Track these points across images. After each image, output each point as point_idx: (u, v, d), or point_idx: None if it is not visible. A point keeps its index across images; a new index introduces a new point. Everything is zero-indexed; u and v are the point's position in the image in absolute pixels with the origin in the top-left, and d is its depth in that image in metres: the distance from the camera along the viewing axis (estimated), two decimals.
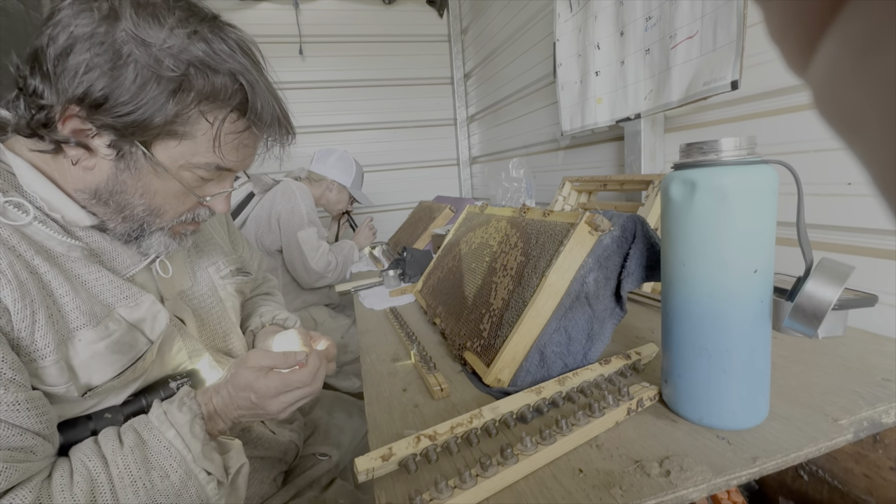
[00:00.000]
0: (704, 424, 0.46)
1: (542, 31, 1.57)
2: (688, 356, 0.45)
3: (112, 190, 0.49)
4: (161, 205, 0.52)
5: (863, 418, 0.45)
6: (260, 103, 0.50)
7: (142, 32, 0.43)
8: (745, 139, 0.42)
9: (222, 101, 0.48)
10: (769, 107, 0.81)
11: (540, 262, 0.59)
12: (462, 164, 2.67)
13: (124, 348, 0.49)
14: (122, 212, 0.50)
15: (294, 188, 1.57)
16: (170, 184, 0.50)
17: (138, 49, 0.43)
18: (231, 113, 0.49)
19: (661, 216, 0.47)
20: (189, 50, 0.45)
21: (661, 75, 0.97)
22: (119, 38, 0.43)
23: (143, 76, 0.43)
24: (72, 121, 0.45)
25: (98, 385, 0.48)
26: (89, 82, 0.42)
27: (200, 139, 0.48)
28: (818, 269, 0.42)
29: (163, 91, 0.44)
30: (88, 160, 0.47)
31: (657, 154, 1.08)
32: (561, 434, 0.44)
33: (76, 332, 0.46)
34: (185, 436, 0.48)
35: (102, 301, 0.49)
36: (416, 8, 2.50)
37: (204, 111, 0.47)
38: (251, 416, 0.56)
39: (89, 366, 0.47)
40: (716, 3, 0.82)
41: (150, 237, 0.54)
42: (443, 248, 1.00)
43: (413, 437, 0.44)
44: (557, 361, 0.57)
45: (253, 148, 0.55)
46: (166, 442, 0.46)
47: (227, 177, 0.56)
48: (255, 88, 0.49)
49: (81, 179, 0.49)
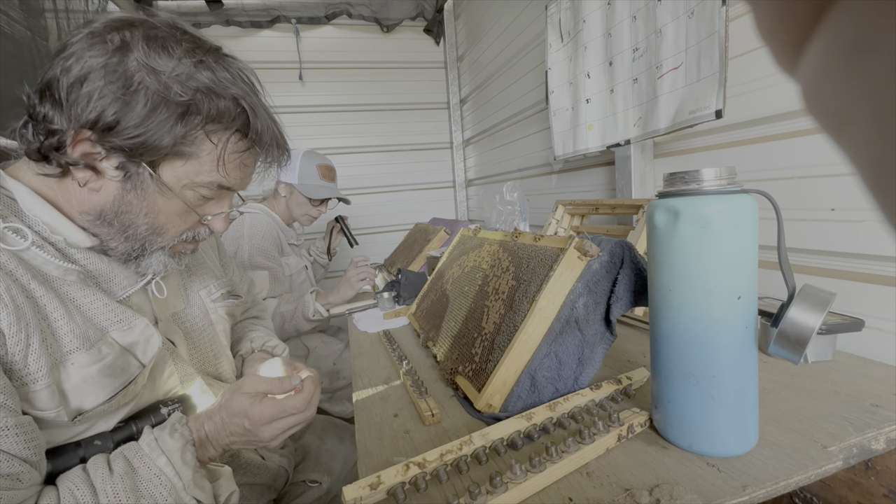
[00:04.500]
0: (694, 451, 0.46)
1: (535, 60, 1.62)
2: (676, 382, 0.46)
3: (118, 210, 0.51)
4: (163, 224, 0.54)
5: (852, 445, 0.45)
6: (260, 125, 0.53)
7: (152, 62, 0.46)
8: (725, 169, 0.43)
9: (226, 123, 0.51)
10: (754, 134, 0.84)
11: (531, 287, 0.60)
12: (458, 187, 2.70)
13: (116, 371, 0.49)
14: (126, 231, 0.52)
15: (244, 224, 1.39)
16: (173, 203, 0.52)
17: (149, 77, 0.46)
18: (234, 134, 0.52)
19: (647, 243, 0.48)
20: (196, 77, 0.48)
21: (649, 103, 1.00)
22: (131, 67, 0.46)
23: (154, 101, 0.46)
24: (83, 144, 0.47)
25: (89, 409, 0.47)
26: (102, 108, 0.45)
27: (205, 159, 0.51)
28: (800, 296, 0.42)
29: (171, 115, 0.47)
30: (95, 182, 0.49)
31: (647, 179, 1.10)
32: (551, 461, 0.44)
33: (69, 356, 0.46)
34: (177, 463, 0.47)
35: (96, 324, 0.50)
36: (414, 36, 2.58)
37: (209, 132, 0.50)
38: (243, 443, 0.55)
39: (81, 390, 0.47)
40: (699, 37, 0.85)
41: (150, 256, 0.55)
42: (436, 272, 1.01)
43: (402, 465, 0.44)
44: (548, 387, 0.57)
45: (252, 168, 0.58)
46: (157, 470, 0.46)
47: (227, 196, 0.58)
48: (255, 112, 0.53)
49: (87, 201, 0.50)
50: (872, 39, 0.08)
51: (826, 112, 0.09)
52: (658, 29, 0.95)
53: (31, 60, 1.39)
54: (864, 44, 0.08)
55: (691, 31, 0.87)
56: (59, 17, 1.60)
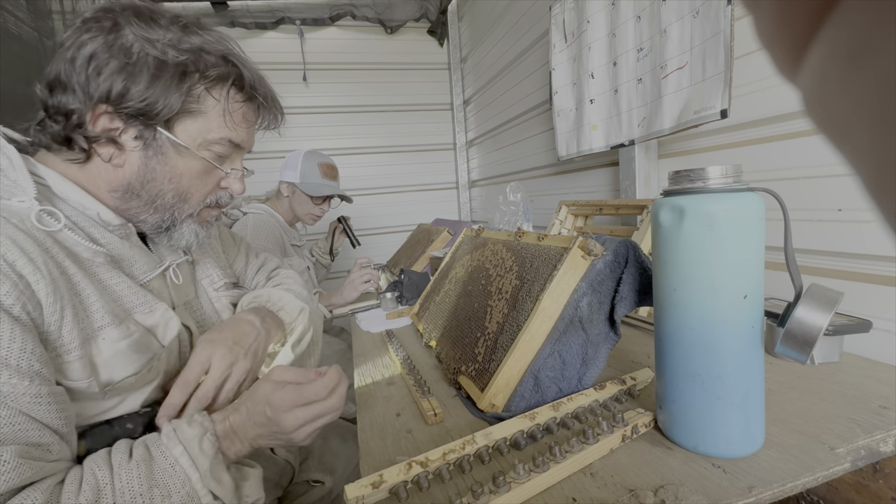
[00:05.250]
0: (700, 452, 0.45)
1: (539, 61, 1.62)
2: (681, 382, 0.45)
3: (143, 179, 0.54)
4: (187, 188, 0.57)
5: (860, 447, 0.45)
6: (252, 77, 0.58)
7: (145, 32, 0.51)
8: (731, 167, 0.43)
9: (222, 78, 0.55)
10: (759, 134, 0.83)
11: (534, 286, 0.60)
12: (461, 188, 2.70)
13: (142, 348, 0.52)
14: (154, 201, 0.56)
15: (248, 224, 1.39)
16: (192, 163, 0.56)
17: (146, 45, 0.51)
18: (231, 87, 0.57)
19: (651, 242, 0.48)
20: (186, 40, 0.53)
21: (654, 104, 0.99)
22: (128, 40, 0.50)
23: (155, 66, 0.51)
24: (102, 119, 0.51)
25: (117, 381, 0.50)
26: (111, 80, 0.49)
27: (211, 114, 0.55)
28: (807, 296, 0.42)
29: (173, 75, 0.51)
30: (119, 157, 0.53)
31: (651, 179, 1.10)
32: (554, 461, 0.43)
33: (100, 331, 0.49)
34: (193, 451, 0.46)
35: (122, 305, 0.52)
36: (418, 37, 2.58)
37: (209, 88, 0.55)
38: (269, 436, 0.52)
39: (111, 363, 0.49)
40: (704, 36, 0.85)
41: (181, 226, 0.59)
42: (439, 272, 1.00)
43: (405, 464, 0.44)
44: (552, 386, 0.57)
45: (254, 123, 0.62)
46: (172, 459, 0.45)
47: (238, 155, 0.61)
48: (245, 65, 0.58)
49: (114, 178, 0.54)
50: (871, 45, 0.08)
51: (827, 117, 0.09)
52: (663, 29, 0.94)
53: (38, 61, 1.40)
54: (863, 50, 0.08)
55: (696, 31, 0.86)
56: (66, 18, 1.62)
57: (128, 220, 0.56)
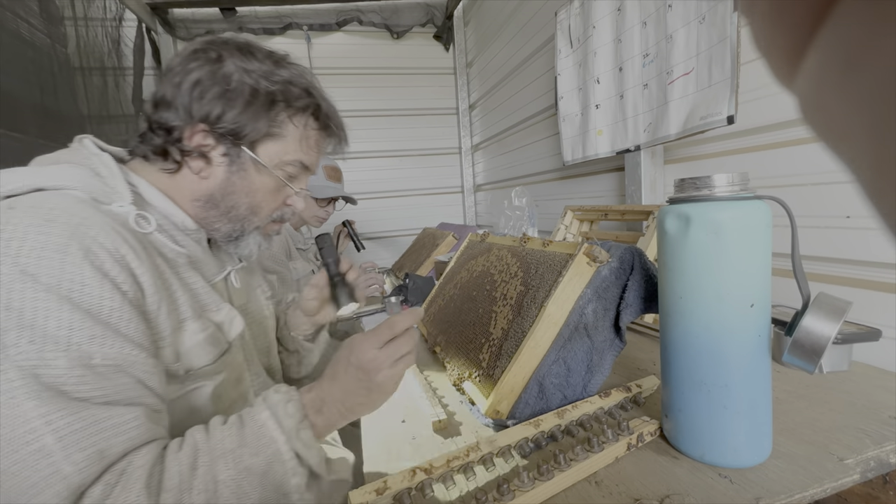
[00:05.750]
0: (706, 462, 0.45)
1: (544, 66, 1.62)
2: (687, 390, 0.45)
3: (224, 192, 0.60)
4: (259, 202, 0.63)
5: (869, 458, 0.44)
6: (329, 110, 0.65)
7: (244, 64, 0.58)
8: (737, 175, 0.43)
9: (303, 108, 0.62)
10: (767, 140, 0.83)
11: (539, 293, 0.59)
12: (466, 192, 2.70)
13: (215, 342, 0.58)
14: (230, 212, 0.62)
15: None
16: (267, 180, 0.62)
17: (243, 76, 0.57)
18: (310, 117, 0.63)
19: (657, 249, 0.48)
20: (277, 73, 0.59)
21: (660, 109, 0.99)
22: (229, 70, 0.57)
23: (249, 94, 0.57)
24: (197, 136, 0.57)
25: (197, 368, 0.55)
26: (212, 104, 0.56)
27: (290, 139, 0.62)
28: (815, 304, 0.42)
29: (263, 103, 0.58)
30: (206, 170, 0.59)
31: (657, 185, 1.09)
32: (559, 469, 0.43)
33: (184, 323, 0.54)
34: (278, 413, 0.47)
35: (199, 301, 0.58)
36: (424, 42, 2.60)
37: (291, 116, 0.61)
38: (356, 392, 0.50)
39: (191, 352, 0.54)
40: (710, 42, 0.85)
41: (248, 236, 0.65)
42: (444, 276, 1.00)
43: (409, 471, 0.44)
44: (556, 393, 0.57)
45: (322, 150, 0.69)
46: (260, 421, 0.47)
47: (305, 177, 0.67)
48: (324, 98, 0.65)
49: (198, 188, 0.60)
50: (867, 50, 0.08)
51: (824, 123, 0.09)
52: (669, 34, 0.94)
53: (51, 66, 1.42)
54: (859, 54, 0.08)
55: (702, 37, 0.86)
56: (77, 24, 1.64)
57: (202, 227, 0.62)
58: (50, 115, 1.37)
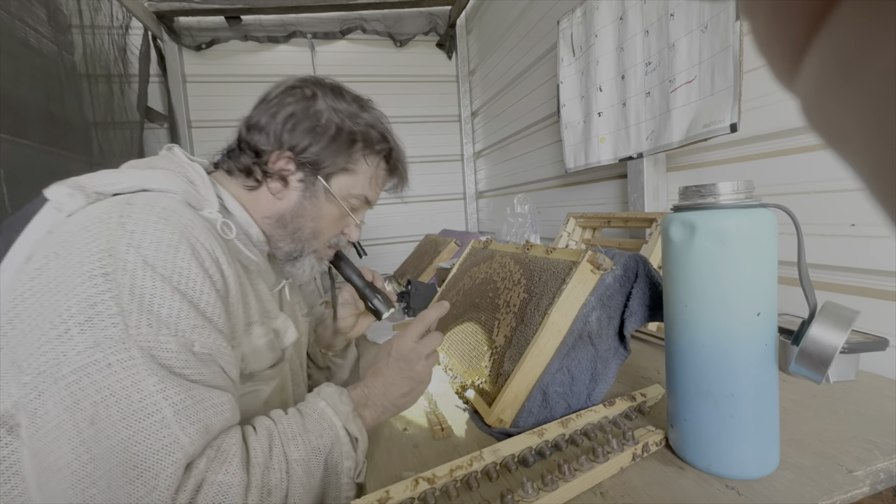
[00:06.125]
0: (713, 473, 0.44)
1: (547, 73, 1.63)
2: (693, 400, 0.45)
3: (294, 214, 0.64)
4: (322, 228, 0.67)
5: (879, 469, 0.43)
6: (399, 156, 0.71)
7: (333, 104, 0.63)
8: (742, 183, 0.42)
9: (378, 150, 0.67)
10: (770, 148, 0.83)
11: (542, 300, 0.59)
12: (468, 199, 2.71)
13: (273, 348, 0.61)
14: (295, 233, 0.65)
15: None
16: (334, 209, 0.66)
17: (332, 114, 0.62)
18: (382, 159, 0.69)
19: (662, 257, 0.47)
20: (361, 115, 0.65)
21: (662, 117, 0.99)
22: (320, 107, 0.62)
23: (334, 131, 0.62)
24: (281, 161, 0.62)
25: (256, 371, 0.58)
26: (301, 136, 0.61)
27: (360, 176, 0.66)
28: (822, 314, 0.41)
29: (345, 141, 0.63)
30: (282, 192, 0.63)
31: (660, 192, 1.09)
32: (563, 480, 0.43)
33: (252, 326, 0.58)
34: (334, 403, 0.54)
35: (264, 308, 0.61)
36: (426, 50, 2.62)
37: (366, 155, 0.66)
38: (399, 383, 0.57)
39: (253, 355, 0.57)
40: (712, 51, 0.85)
41: (305, 258, 0.68)
42: (447, 283, 1.00)
43: (411, 480, 0.43)
44: (560, 402, 0.56)
45: (385, 187, 0.74)
46: (319, 409, 0.53)
47: (364, 210, 0.72)
48: (397, 145, 0.70)
49: (272, 207, 0.64)
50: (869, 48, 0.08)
51: (826, 123, 0.09)
52: (671, 43, 0.95)
53: (58, 74, 1.44)
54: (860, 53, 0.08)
55: (705, 46, 0.87)
56: (84, 32, 1.66)
57: (268, 242, 0.66)
58: (56, 121, 1.39)
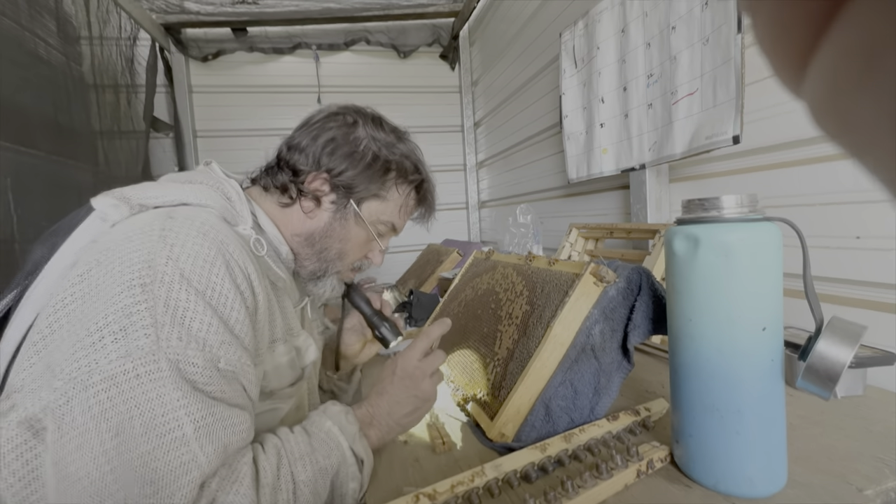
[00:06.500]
0: (720, 491, 0.43)
1: (549, 84, 1.64)
2: (698, 415, 0.44)
3: (323, 234, 0.65)
4: (348, 250, 0.67)
5: (889, 489, 0.42)
6: (430, 187, 0.72)
7: (373, 133, 0.65)
8: (746, 197, 0.42)
9: (410, 180, 0.69)
10: (773, 160, 0.82)
11: (545, 312, 0.59)
12: (471, 209, 2.71)
13: (294, 366, 0.61)
14: (321, 253, 0.66)
15: None
16: (361, 233, 0.67)
17: (370, 142, 0.64)
18: (413, 189, 0.70)
19: (666, 270, 0.47)
20: (397, 146, 0.67)
21: (664, 128, 0.99)
22: (360, 135, 0.64)
23: (370, 159, 0.64)
24: (317, 181, 0.63)
25: (276, 389, 0.58)
26: (340, 161, 0.63)
27: (390, 203, 0.67)
28: (829, 329, 0.41)
29: (380, 169, 0.65)
30: (314, 212, 0.64)
31: (662, 203, 1.09)
32: (567, 497, 0.42)
33: (275, 344, 0.57)
34: (340, 423, 0.53)
35: (288, 325, 0.61)
36: (430, 61, 2.64)
37: (398, 184, 0.67)
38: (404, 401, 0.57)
39: (276, 372, 0.57)
40: (714, 63, 0.85)
41: (328, 278, 0.68)
42: (449, 294, 1.00)
43: (412, 496, 0.43)
44: (563, 416, 0.55)
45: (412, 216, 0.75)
46: (325, 429, 0.53)
47: (390, 236, 0.73)
48: (429, 177, 0.72)
49: (303, 225, 0.64)
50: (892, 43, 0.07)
51: (844, 130, 0.08)
52: (673, 56, 0.95)
53: (66, 84, 1.46)
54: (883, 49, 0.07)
55: (706, 58, 0.87)
56: (93, 43, 1.68)
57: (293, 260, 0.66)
58: (63, 131, 1.40)
